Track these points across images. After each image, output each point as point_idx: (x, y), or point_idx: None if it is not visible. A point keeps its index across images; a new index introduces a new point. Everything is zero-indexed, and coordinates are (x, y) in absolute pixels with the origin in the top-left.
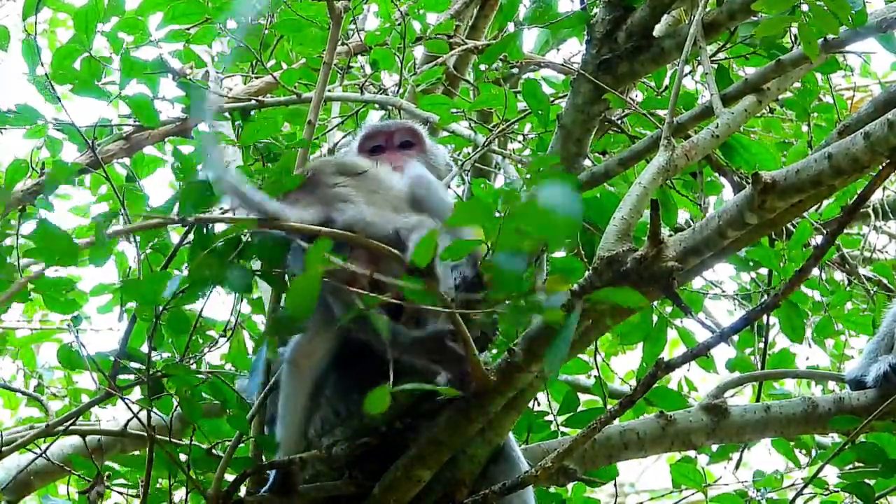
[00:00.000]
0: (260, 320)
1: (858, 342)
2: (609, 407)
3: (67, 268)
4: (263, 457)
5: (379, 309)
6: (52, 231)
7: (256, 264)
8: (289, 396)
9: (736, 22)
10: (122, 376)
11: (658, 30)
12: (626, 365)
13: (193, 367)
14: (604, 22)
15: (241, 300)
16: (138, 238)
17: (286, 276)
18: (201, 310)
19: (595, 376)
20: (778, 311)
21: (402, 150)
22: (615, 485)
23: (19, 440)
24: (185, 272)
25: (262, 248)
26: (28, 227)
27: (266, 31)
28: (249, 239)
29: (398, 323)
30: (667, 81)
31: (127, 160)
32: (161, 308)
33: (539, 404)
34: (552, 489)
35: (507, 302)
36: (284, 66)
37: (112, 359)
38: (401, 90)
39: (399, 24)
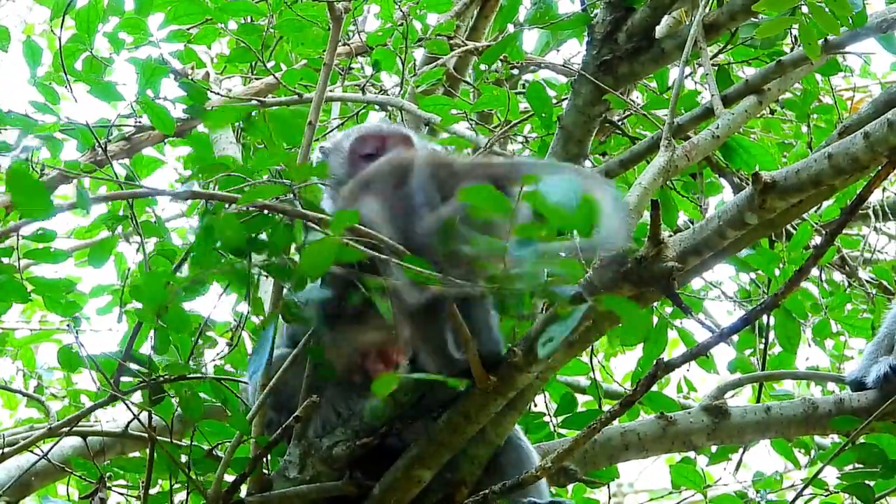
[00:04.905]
0: (259, 321)
1: (858, 343)
2: (609, 407)
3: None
4: None
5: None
6: (22, 174)
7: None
8: None
9: (736, 23)
10: (123, 379)
11: (659, 31)
12: (624, 366)
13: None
14: (604, 23)
15: (243, 300)
16: (140, 239)
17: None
18: (208, 317)
19: (591, 377)
20: (776, 313)
21: None
22: (608, 486)
23: (20, 441)
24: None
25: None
26: (28, 227)
27: (267, 32)
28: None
29: None
30: (670, 82)
31: (127, 160)
32: (164, 307)
33: (535, 405)
34: (552, 489)
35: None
36: (284, 66)
37: (116, 361)
38: (401, 91)
39: (400, 25)
